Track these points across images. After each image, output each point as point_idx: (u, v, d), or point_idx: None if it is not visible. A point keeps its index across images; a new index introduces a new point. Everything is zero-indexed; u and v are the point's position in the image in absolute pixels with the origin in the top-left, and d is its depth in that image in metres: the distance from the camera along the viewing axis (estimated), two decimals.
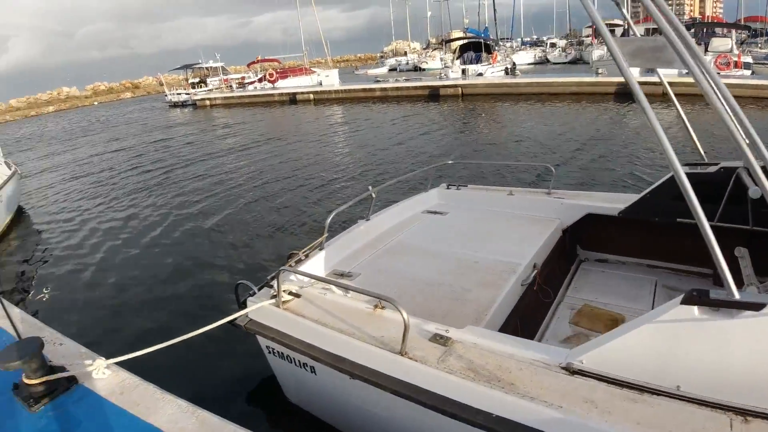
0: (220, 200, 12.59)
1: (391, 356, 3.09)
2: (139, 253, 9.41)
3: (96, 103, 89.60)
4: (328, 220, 4.78)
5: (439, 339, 3.20)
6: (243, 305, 4.21)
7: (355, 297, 3.89)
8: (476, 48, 38.95)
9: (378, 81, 40.25)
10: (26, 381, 3.41)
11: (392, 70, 68.56)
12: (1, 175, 12.21)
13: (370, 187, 5.53)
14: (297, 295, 4.01)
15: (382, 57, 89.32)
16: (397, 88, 34.72)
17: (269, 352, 4.25)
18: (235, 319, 3.99)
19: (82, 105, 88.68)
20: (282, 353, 4.07)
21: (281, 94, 39.84)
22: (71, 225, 12.08)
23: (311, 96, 38.11)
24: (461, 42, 42.26)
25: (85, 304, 7.39)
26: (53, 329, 4.45)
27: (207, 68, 51.01)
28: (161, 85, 58.39)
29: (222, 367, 5.34)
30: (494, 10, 49.87)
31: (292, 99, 38.74)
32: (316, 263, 4.76)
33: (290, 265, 4.57)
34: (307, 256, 4.77)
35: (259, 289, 4.26)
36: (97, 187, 16.50)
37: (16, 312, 4.86)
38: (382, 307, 3.61)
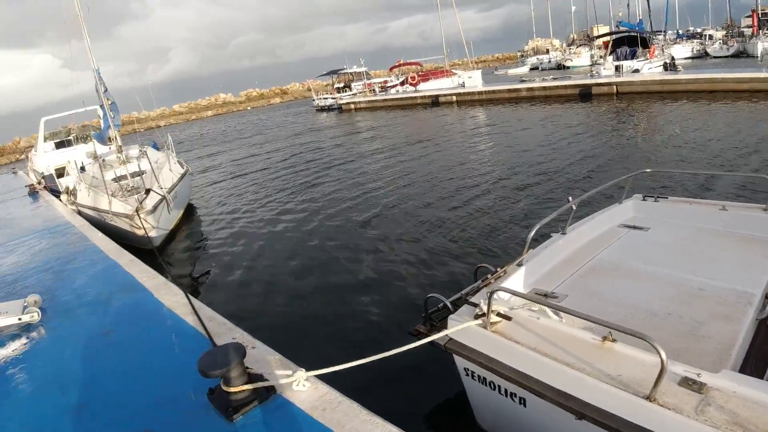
0: (381, 204, 12.55)
1: (637, 400, 2.71)
2: (310, 256, 9.49)
3: (249, 108, 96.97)
4: (530, 235, 4.42)
5: (691, 384, 2.73)
6: (431, 320, 4.06)
7: (569, 322, 3.51)
8: (630, 42, 36.20)
9: (523, 81, 38.97)
10: (225, 388, 3.35)
11: (534, 69, 66.25)
12: (176, 173, 13.31)
13: (570, 198, 5.06)
14: (506, 317, 3.70)
15: (522, 56, 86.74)
16: (545, 88, 33.29)
17: (467, 374, 3.99)
18: (435, 339, 3.80)
19: (236, 110, 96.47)
20: (484, 378, 3.80)
21: (423, 97, 40.07)
22: (236, 223, 12.69)
23: (454, 98, 37.85)
24: (614, 36, 39.58)
25: (263, 307, 7.58)
26: (243, 330, 4.56)
27: (351, 73, 52.83)
28: (309, 90, 61.53)
29: (406, 378, 5.16)
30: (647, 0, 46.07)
31: (435, 101, 38.77)
32: (515, 281, 4.41)
33: (490, 283, 4.28)
34: (505, 272, 4.45)
35: (453, 305, 4.03)
36: (256, 186, 17.55)
37: (206, 311, 5.07)
38: (613, 340, 3.19)
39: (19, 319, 5.74)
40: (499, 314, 3.70)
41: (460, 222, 10.07)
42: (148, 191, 9.93)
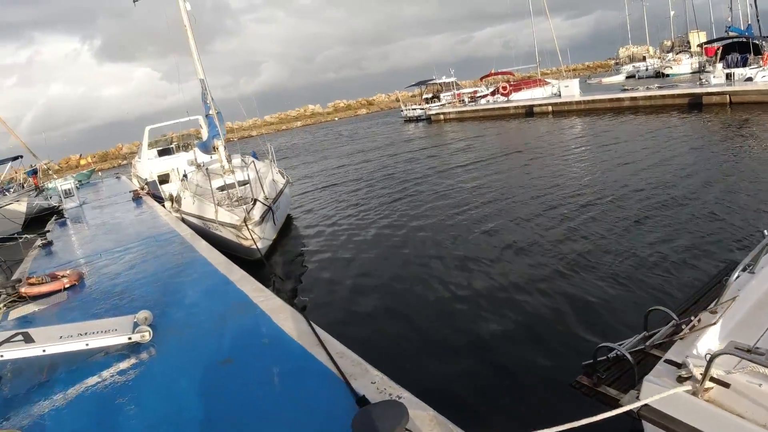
0: (488, 221, 11.68)
1: None
2: (418, 276, 8.73)
3: (336, 118, 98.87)
4: (733, 277, 3.58)
5: None
6: (597, 372, 3.61)
7: None
8: (741, 49, 33.36)
9: (625, 89, 36.87)
10: None
11: (630, 77, 62.93)
12: (279, 183, 13.20)
13: (765, 232, 4.18)
14: (722, 383, 2.94)
15: (617, 64, 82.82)
16: (650, 97, 31.18)
17: None
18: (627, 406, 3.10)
19: (324, 120, 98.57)
20: None
21: (517, 107, 38.81)
22: (334, 235, 12.28)
23: (549, 108, 36.34)
24: (723, 42, 36.67)
25: (378, 337, 6.78)
26: (382, 374, 4.01)
27: (440, 84, 52.27)
28: (397, 101, 61.56)
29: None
30: (755, 3, 42.38)
31: (529, 112, 37.42)
32: (712, 333, 3.61)
33: (686, 335, 3.50)
34: (699, 321, 3.65)
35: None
36: (349, 196, 17.28)
37: (335, 345, 4.52)
38: None
39: (129, 338, 5.41)
40: (712, 379, 2.95)
41: (594, 245, 9.00)
42: (254, 201, 9.77)
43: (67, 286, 8.24)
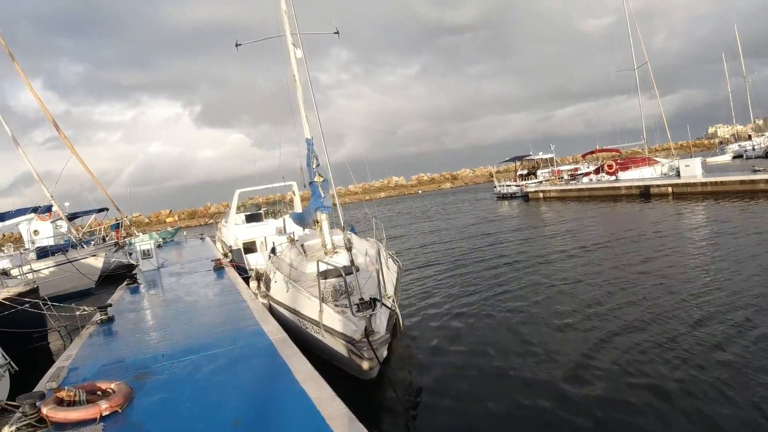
0: (609, 324, 9.09)
1: None
2: (555, 393, 6.52)
3: (420, 191, 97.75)
4: None
5: None
6: None
7: None
8: None
9: (756, 170, 32.54)
10: None
11: (737, 157, 57.83)
12: (393, 272, 10.55)
13: None
14: None
15: (721, 143, 77.37)
16: None
17: None
18: None
19: (408, 192, 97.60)
20: None
21: (630, 187, 35.04)
22: (442, 330, 10.08)
23: (669, 189, 32.37)
24: None
25: None
26: None
27: (537, 160, 49.37)
28: (490, 176, 58.94)
29: None
30: None
31: (644, 193, 33.56)
32: None
33: None
34: None
35: None
36: (448, 279, 14.91)
37: None
38: None
39: None
40: None
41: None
42: (373, 302, 6.96)
43: (105, 413, 5.68)
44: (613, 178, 39.78)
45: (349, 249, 8.81)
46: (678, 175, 35.10)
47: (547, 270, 14.84)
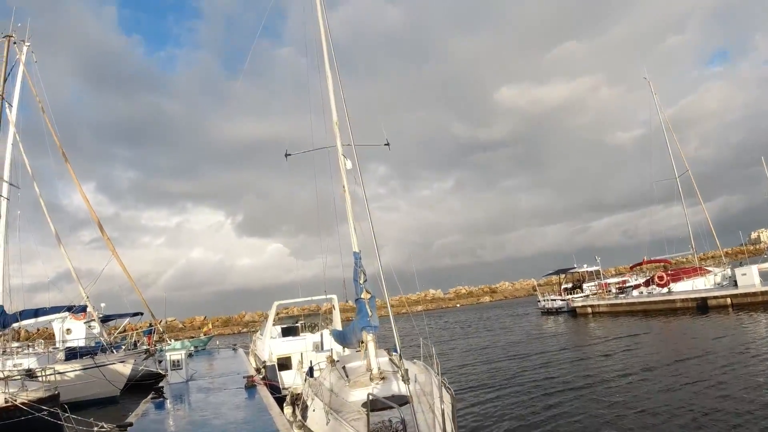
0: None
1: None
2: None
3: (458, 305, 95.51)
4: None
5: None
6: None
7: None
8: None
9: None
10: None
11: None
12: (447, 403, 9.28)
13: None
14: None
15: None
16: None
17: None
18: None
19: (446, 306, 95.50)
20: None
21: (685, 300, 33.06)
22: None
23: (728, 300, 30.40)
24: None
25: None
26: None
27: (582, 272, 47.70)
28: (533, 290, 57.12)
29: None
30: None
31: (701, 305, 31.61)
32: None
33: None
34: None
35: None
36: (504, 405, 13.62)
37: None
38: None
39: None
40: None
41: None
42: None
43: None
44: (666, 290, 37.77)
45: (405, 379, 7.76)
46: (735, 284, 33.14)
47: (607, 394, 13.57)
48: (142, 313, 27.44)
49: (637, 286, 41.35)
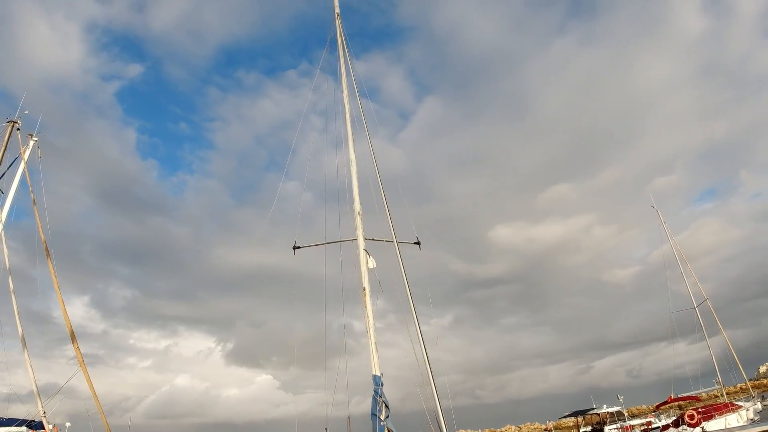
0: None
1: None
2: None
3: None
4: None
5: None
6: None
7: None
8: None
9: None
10: None
11: None
12: None
13: None
14: None
15: None
16: None
17: None
18: None
19: None
20: None
21: None
22: None
23: None
24: None
25: None
26: None
27: (603, 414, 44.15)
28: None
29: None
30: None
31: None
32: None
33: None
34: None
35: None
36: None
37: None
38: None
39: None
40: None
41: None
42: None
43: None
44: (698, 430, 34.50)
45: None
46: None
47: None
48: None
49: (666, 428, 37.82)
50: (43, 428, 22.79)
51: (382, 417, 8.45)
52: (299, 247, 11.69)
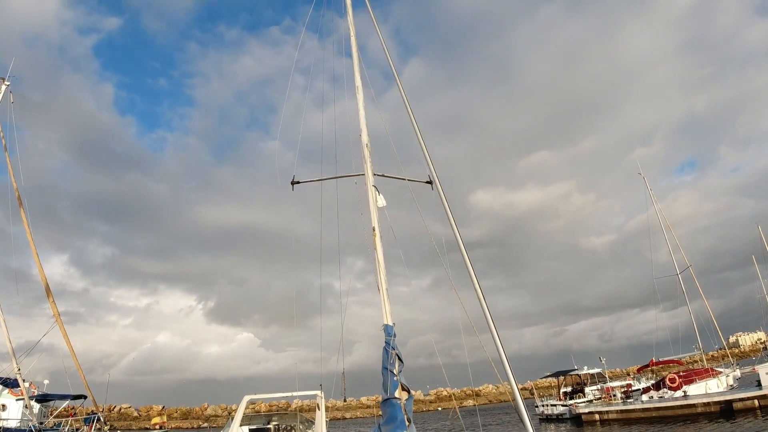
0: None
1: None
2: None
3: (440, 408, 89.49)
4: None
5: None
6: None
7: None
8: None
9: None
10: None
11: None
12: None
13: None
14: None
15: (765, 349, 71.78)
16: None
17: None
18: None
19: (426, 409, 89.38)
20: None
21: (707, 404, 30.08)
22: None
23: (756, 402, 27.63)
24: None
25: None
26: None
27: (584, 375, 44.50)
28: (531, 394, 53.08)
29: None
30: None
31: (726, 408, 28.65)
32: None
33: None
34: None
35: None
36: None
37: None
38: None
39: None
40: None
41: None
42: None
43: None
44: (679, 393, 34.82)
45: None
46: (758, 384, 30.54)
47: None
48: (85, 396, 23.96)
49: (646, 390, 38.16)
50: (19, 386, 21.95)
51: (396, 371, 7.56)
52: (298, 182, 10.55)
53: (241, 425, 17.93)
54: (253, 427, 18.94)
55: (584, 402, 40.15)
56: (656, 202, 43.44)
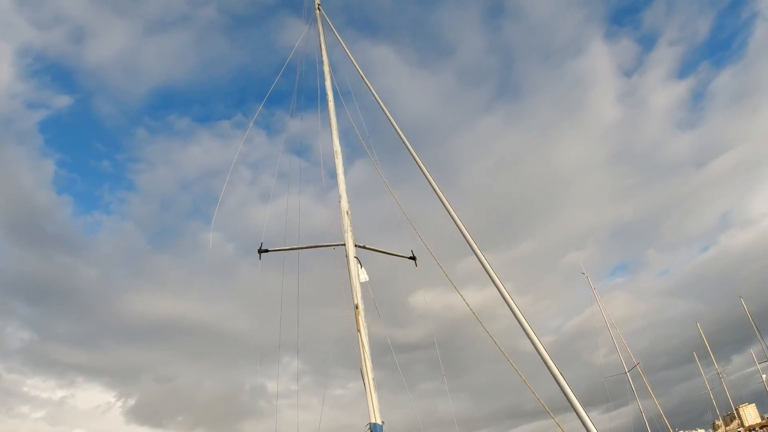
0: None
1: None
2: None
3: None
4: None
5: None
6: None
7: None
8: None
9: None
10: None
11: None
12: None
13: None
14: None
15: None
16: None
17: None
18: None
19: None
20: None
21: None
22: None
23: None
24: None
25: None
26: None
27: None
28: None
29: None
30: None
31: None
32: None
33: None
34: None
35: None
36: None
37: None
38: None
39: None
40: None
41: None
42: None
43: None
44: None
45: None
46: None
47: None
48: None
49: None
50: None
51: None
52: (267, 251, 9.27)
53: None
54: None
55: None
56: (599, 299, 43.58)
